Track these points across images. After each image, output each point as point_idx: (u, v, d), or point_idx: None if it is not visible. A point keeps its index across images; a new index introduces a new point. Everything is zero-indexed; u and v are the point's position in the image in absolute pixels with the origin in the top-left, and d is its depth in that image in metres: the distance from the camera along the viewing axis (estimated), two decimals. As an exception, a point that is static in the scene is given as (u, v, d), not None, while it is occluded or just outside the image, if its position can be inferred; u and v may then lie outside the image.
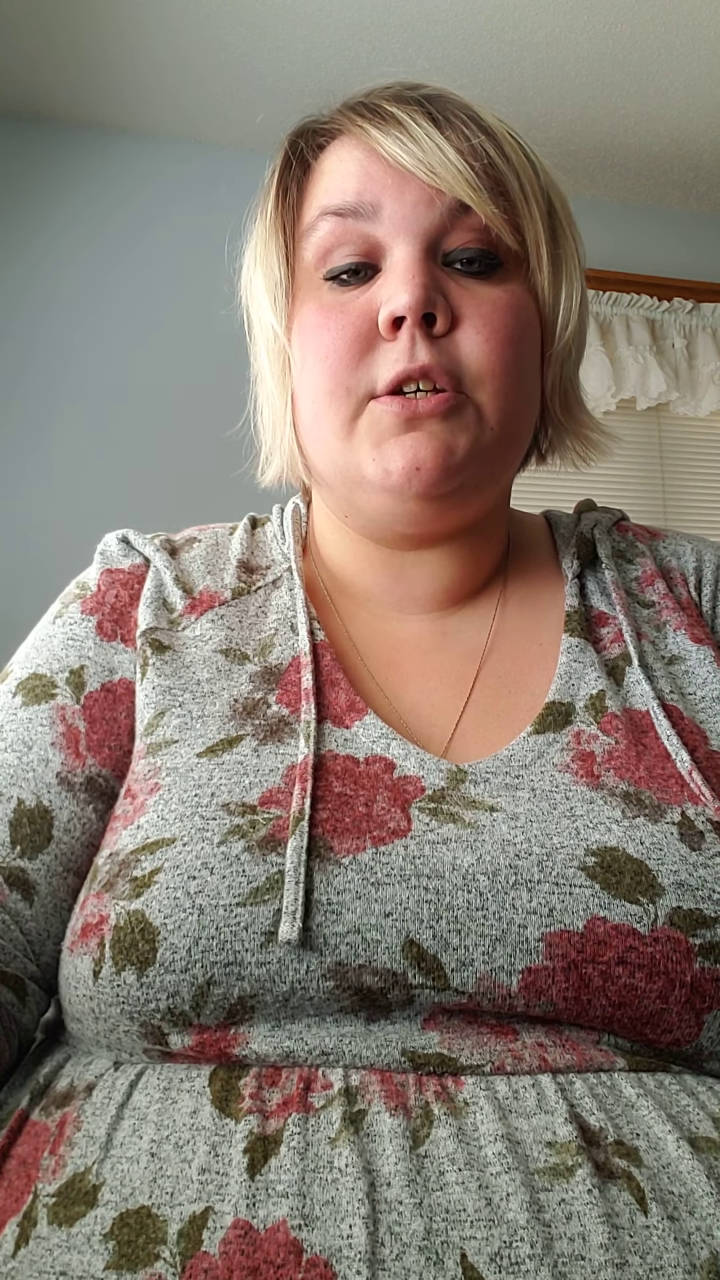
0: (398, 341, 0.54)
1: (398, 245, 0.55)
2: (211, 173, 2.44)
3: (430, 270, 0.55)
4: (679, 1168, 0.38)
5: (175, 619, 0.61)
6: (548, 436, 0.66)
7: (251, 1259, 0.35)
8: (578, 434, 0.66)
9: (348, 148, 0.58)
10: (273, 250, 0.59)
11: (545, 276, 0.58)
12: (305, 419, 0.59)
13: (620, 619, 0.60)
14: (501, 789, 0.50)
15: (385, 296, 0.54)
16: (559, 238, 0.59)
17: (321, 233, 0.57)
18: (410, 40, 2.17)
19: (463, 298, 0.55)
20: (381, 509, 0.57)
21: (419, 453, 0.54)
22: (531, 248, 0.57)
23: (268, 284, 0.60)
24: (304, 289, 0.58)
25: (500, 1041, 0.43)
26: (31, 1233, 0.38)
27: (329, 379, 0.55)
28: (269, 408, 0.63)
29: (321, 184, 0.58)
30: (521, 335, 0.57)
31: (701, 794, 0.49)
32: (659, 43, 2.20)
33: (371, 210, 0.55)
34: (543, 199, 0.58)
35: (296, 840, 0.45)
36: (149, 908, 0.43)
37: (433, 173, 0.54)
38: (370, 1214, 0.35)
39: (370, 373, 0.55)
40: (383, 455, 0.55)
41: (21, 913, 0.50)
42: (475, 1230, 0.35)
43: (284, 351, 0.59)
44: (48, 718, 0.56)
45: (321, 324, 0.56)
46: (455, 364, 0.54)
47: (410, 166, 0.54)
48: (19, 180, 2.34)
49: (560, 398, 0.64)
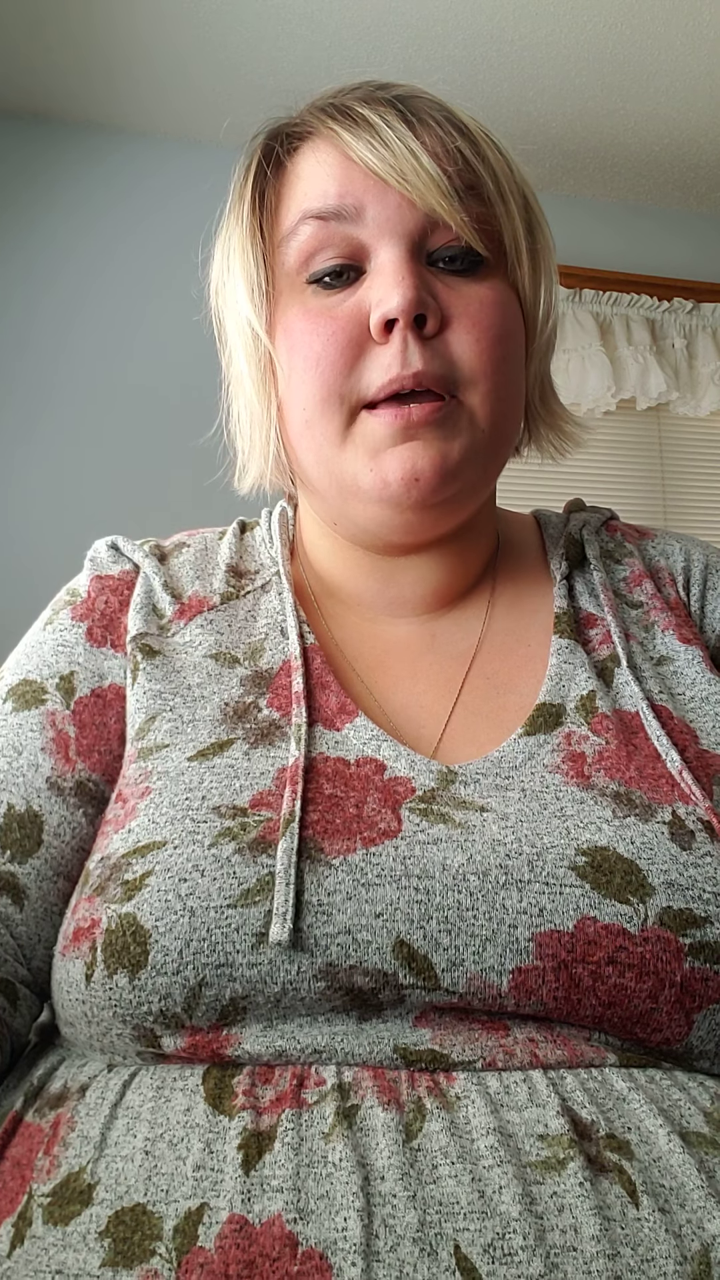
0: (390, 345, 0.54)
1: (383, 247, 0.55)
2: (208, 173, 2.42)
3: (418, 270, 0.54)
4: (670, 1161, 0.38)
5: (165, 624, 0.61)
6: (527, 429, 0.67)
7: (247, 1253, 0.35)
8: (554, 425, 0.66)
9: (322, 150, 0.57)
10: (250, 254, 0.59)
11: (525, 272, 0.59)
12: (296, 426, 0.58)
13: (608, 620, 0.60)
14: (492, 790, 0.50)
15: (375, 299, 0.54)
16: (535, 233, 0.60)
17: (303, 236, 0.56)
18: (410, 40, 2.17)
19: (451, 297, 0.55)
20: (376, 519, 0.57)
21: (417, 462, 0.54)
22: (510, 245, 0.57)
23: (246, 286, 0.59)
24: (286, 293, 0.58)
25: (491, 1037, 0.43)
26: (27, 1232, 0.38)
27: (321, 387, 0.55)
28: (247, 413, 0.63)
29: (299, 187, 0.58)
30: (509, 333, 0.57)
31: (692, 793, 0.50)
32: (659, 42, 2.20)
33: (354, 212, 0.55)
34: (519, 195, 0.58)
35: (287, 842, 0.45)
36: (140, 910, 0.43)
37: (404, 179, 0.54)
38: (365, 1207, 0.36)
39: (363, 379, 0.55)
40: (380, 465, 0.55)
41: (12, 917, 0.51)
42: (468, 1222, 0.35)
43: (266, 355, 0.59)
44: (38, 723, 0.57)
45: (310, 329, 0.56)
46: (448, 366, 0.54)
47: (382, 173, 0.54)
48: (14, 179, 2.35)
49: (539, 391, 0.64)
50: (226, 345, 0.64)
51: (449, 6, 2.08)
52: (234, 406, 0.65)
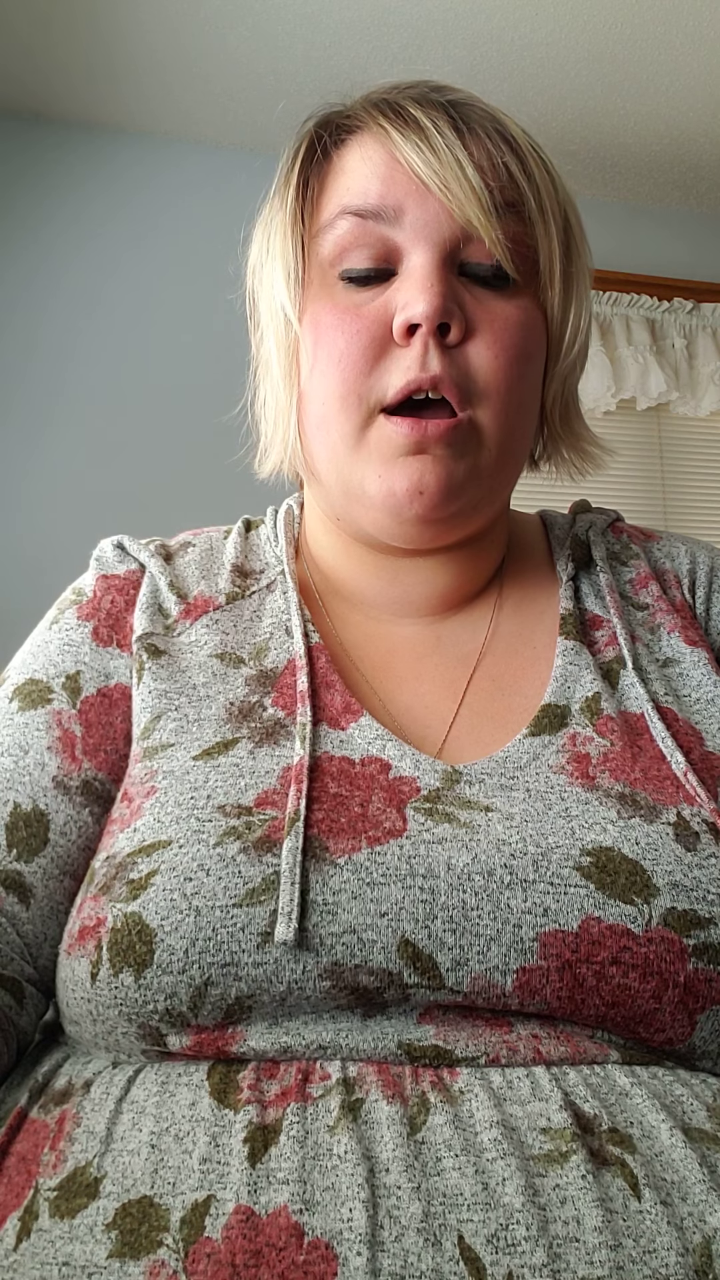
0: (410, 349, 0.54)
1: (417, 251, 0.55)
2: (210, 173, 2.44)
3: (448, 280, 0.55)
4: (672, 1156, 0.39)
5: (170, 624, 0.61)
6: (544, 445, 0.67)
7: (254, 1243, 0.35)
8: (575, 446, 0.66)
9: (370, 147, 0.57)
10: (290, 239, 0.59)
11: (556, 294, 0.58)
12: (312, 420, 0.58)
13: (614, 622, 0.60)
14: (496, 789, 0.50)
15: (402, 302, 0.54)
16: (572, 255, 0.59)
17: (340, 231, 0.57)
18: (410, 40, 2.17)
19: (477, 310, 0.55)
20: (377, 525, 0.58)
21: (424, 477, 0.54)
22: (545, 265, 0.57)
23: (284, 272, 0.59)
24: (317, 283, 0.58)
25: (495, 1034, 0.43)
26: (33, 1226, 0.38)
27: (341, 384, 0.55)
28: (273, 397, 0.63)
29: (342, 181, 0.58)
30: (529, 353, 0.57)
31: (697, 795, 0.50)
32: (659, 42, 2.20)
33: (393, 214, 0.55)
34: (560, 216, 0.58)
35: (292, 841, 0.45)
36: (146, 910, 0.44)
37: (446, 188, 0.54)
38: (370, 1198, 0.36)
39: (382, 380, 0.55)
40: (389, 474, 0.55)
41: (18, 915, 0.51)
42: (472, 1213, 0.36)
43: (295, 342, 0.59)
44: (44, 722, 0.57)
45: (336, 325, 0.56)
46: (464, 376, 0.55)
47: (425, 179, 0.54)
48: (18, 180, 2.35)
49: (561, 411, 0.64)
50: (259, 327, 0.64)
51: (449, 6, 2.08)
52: (261, 389, 0.65)
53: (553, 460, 0.68)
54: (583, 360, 0.64)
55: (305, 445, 0.61)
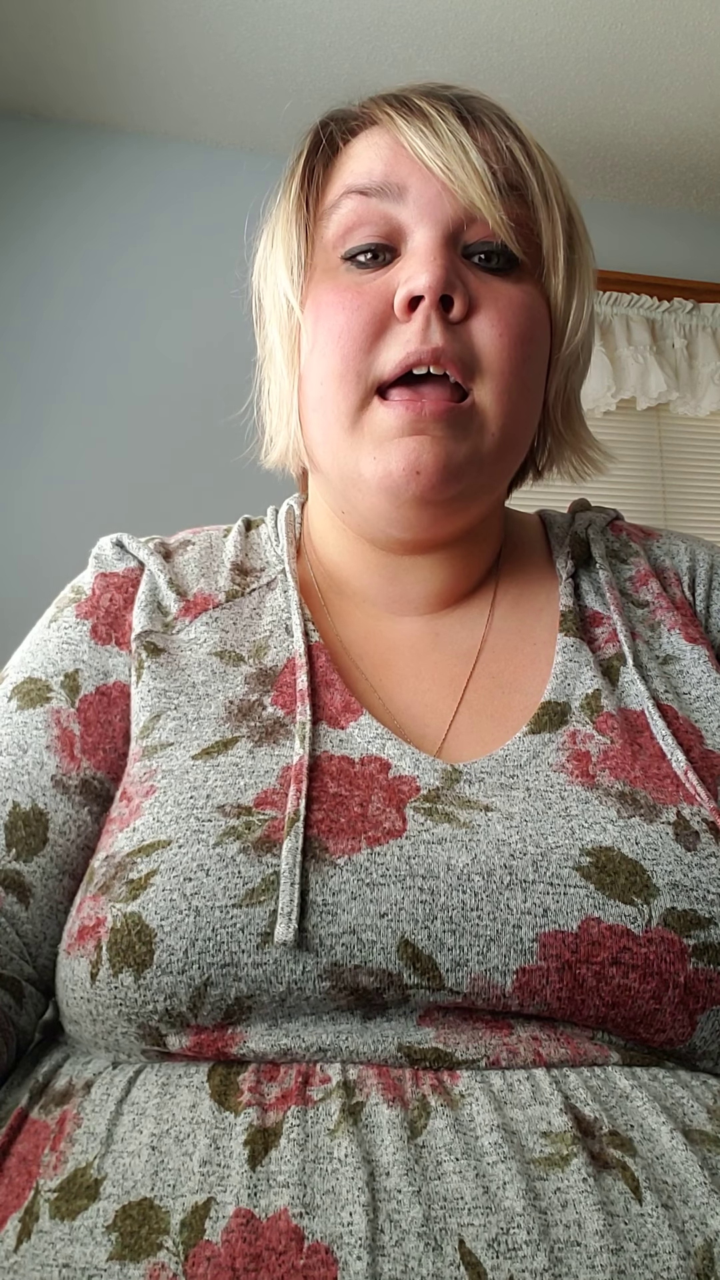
0: (412, 323, 0.54)
1: (419, 229, 0.55)
2: (210, 173, 2.44)
3: (451, 256, 0.55)
4: (673, 1158, 0.38)
5: (169, 622, 0.61)
6: (546, 448, 0.67)
7: (254, 1246, 0.35)
8: (576, 448, 0.66)
9: (375, 135, 0.58)
10: (294, 227, 0.59)
11: (559, 281, 0.58)
12: (310, 402, 0.58)
13: (614, 619, 0.60)
14: (496, 789, 0.50)
15: (404, 277, 0.54)
16: (574, 245, 0.59)
17: (344, 210, 0.57)
18: (410, 40, 2.17)
19: (480, 289, 0.55)
20: (377, 509, 0.57)
21: (421, 456, 0.54)
22: (548, 251, 0.57)
23: (286, 259, 0.59)
24: (320, 268, 0.58)
25: (495, 1036, 0.43)
26: (33, 1227, 0.38)
27: (340, 361, 0.55)
28: (277, 388, 0.63)
29: (348, 166, 0.58)
30: (533, 335, 0.57)
31: (697, 794, 0.50)
32: (659, 42, 2.20)
33: (397, 192, 0.56)
34: (563, 207, 0.58)
35: (291, 841, 0.45)
36: (145, 910, 0.44)
37: (449, 170, 0.54)
38: (370, 1202, 0.36)
39: (382, 356, 0.54)
40: (384, 455, 0.54)
41: (17, 915, 0.51)
42: (473, 1217, 0.36)
43: (297, 328, 0.59)
44: (43, 721, 0.57)
45: (337, 303, 0.56)
46: (467, 351, 0.54)
47: (428, 161, 0.55)
48: (17, 180, 2.35)
49: (563, 408, 0.64)
50: (263, 324, 0.64)
51: (449, 7, 2.08)
52: (266, 384, 0.65)
53: (556, 464, 0.67)
54: (586, 357, 0.63)
55: (305, 432, 0.61)
